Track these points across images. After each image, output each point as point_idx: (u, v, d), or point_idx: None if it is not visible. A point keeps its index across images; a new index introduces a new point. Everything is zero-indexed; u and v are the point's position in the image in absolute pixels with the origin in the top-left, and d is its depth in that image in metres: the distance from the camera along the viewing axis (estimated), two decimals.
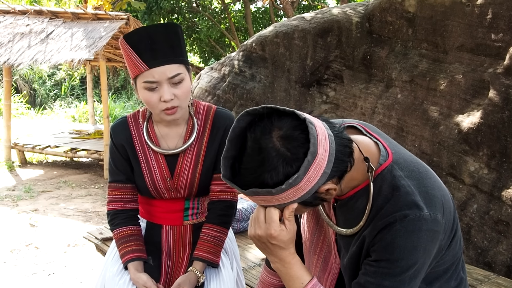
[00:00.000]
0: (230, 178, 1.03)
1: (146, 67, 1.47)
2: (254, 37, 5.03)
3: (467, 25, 3.25)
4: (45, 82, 16.50)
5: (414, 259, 1.03)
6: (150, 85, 1.49)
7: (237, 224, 2.76)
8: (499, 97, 2.88)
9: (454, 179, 3.07)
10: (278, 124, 0.99)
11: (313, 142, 0.96)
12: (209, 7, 13.90)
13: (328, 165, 0.99)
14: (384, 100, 3.67)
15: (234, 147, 1.03)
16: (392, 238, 1.03)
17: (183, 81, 1.53)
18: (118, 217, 1.70)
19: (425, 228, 1.02)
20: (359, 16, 4.17)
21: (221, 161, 1.03)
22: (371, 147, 1.14)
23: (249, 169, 0.99)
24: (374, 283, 1.06)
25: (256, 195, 0.99)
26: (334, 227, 1.20)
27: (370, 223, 1.09)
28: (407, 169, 1.10)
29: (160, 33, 1.50)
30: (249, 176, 0.99)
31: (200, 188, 1.72)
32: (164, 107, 1.52)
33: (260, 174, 0.97)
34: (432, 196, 1.07)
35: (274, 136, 0.97)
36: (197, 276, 1.60)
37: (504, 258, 2.69)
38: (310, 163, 0.95)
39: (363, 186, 1.12)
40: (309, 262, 1.35)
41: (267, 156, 0.96)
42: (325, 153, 0.98)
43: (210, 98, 5.02)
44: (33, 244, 4.11)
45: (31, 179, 6.54)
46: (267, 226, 1.07)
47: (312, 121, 0.98)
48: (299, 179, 0.96)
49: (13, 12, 7.28)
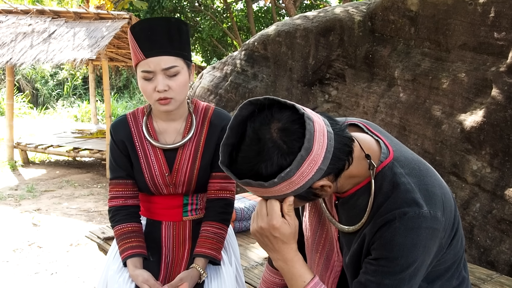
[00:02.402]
0: (228, 165, 1.04)
1: (143, 56, 1.54)
2: (256, 36, 5.03)
3: (470, 24, 3.24)
4: (48, 81, 16.54)
5: (414, 257, 1.03)
6: (147, 74, 1.55)
7: (239, 223, 2.76)
8: (502, 96, 2.87)
9: (456, 178, 3.06)
10: (278, 116, 0.99)
11: (309, 137, 0.96)
12: (211, 6, 13.90)
13: (324, 161, 0.99)
14: (387, 99, 3.66)
15: (235, 135, 1.04)
16: (391, 236, 1.03)
17: (178, 74, 1.57)
18: (119, 213, 1.71)
19: (424, 226, 1.02)
20: (361, 15, 4.16)
21: (221, 148, 1.04)
22: (372, 144, 1.14)
23: (246, 158, 1.00)
24: (374, 281, 1.06)
25: (249, 186, 1.00)
26: (337, 224, 1.20)
27: (371, 221, 1.09)
28: (408, 167, 1.10)
29: (161, 25, 1.56)
30: (245, 165, 1.00)
31: (198, 184, 1.73)
32: (157, 97, 1.56)
33: (255, 164, 0.98)
34: (432, 194, 1.06)
35: (272, 128, 0.98)
36: (199, 273, 1.61)
37: (507, 257, 2.69)
38: (304, 158, 0.96)
39: (365, 183, 1.12)
40: (311, 261, 1.34)
41: (264, 146, 0.97)
42: (321, 150, 0.98)
43: (212, 97, 5.02)
44: (35, 243, 4.12)
45: (33, 179, 6.55)
46: (269, 217, 1.08)
47: (310, 116, 0.98)
48: (292, 173, 0.97)
49: (16, 11, 7.30)
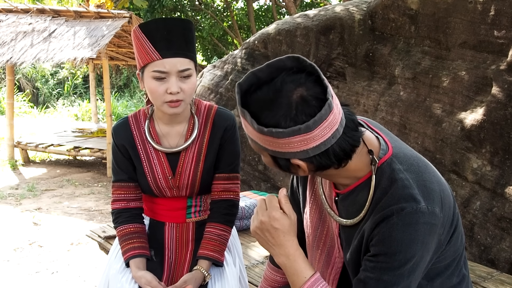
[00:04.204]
0: (243, 89, 1.06)
1: (159, 56, 1.50)
2: (256, 35, 5.03)
3: (470, 22, 3.24)
4: (48, 80, 16.53)
5: (412, 252, 1.03)
6: (160, 74, 1.51)
7: (240, 222, 2.76)
8: (502, 94, 2.87)
9: (457, 176, 3.06)
10: (309, 85, 1.01)
11: (316, 120, 0.97)
12: (211, 5, 13.88)
13: (314, 149, 1.01)
14: (387, 97, 3.66)
15: (266, 74, 1.06)
16: (389, 232, 1.04)
17: (191, 77, 1.56)
18: (121, 215, 1.71)
19: (422, 221, 1.03)
20: (362, 14, 4.16)
21: (248, 73, 1.07)
22: (373, 141, 1.15)
23: (259, 97, 1.03)
24: (373, 278, 1.07)
25: (243, 116, 1.03)
26: (335, 217, 1.21)
27: (370, 216, 1.09)
28: (406, 163, 1.11)
29: (177, 26, 1.54)
30: (255, 103, 1.03)
31: (202, 186, 1.72)
32: (169, 99, 1.53)
33: (261, 106, 1.02)
34: (430, 189, 1.07)
35: (297, 91, 1.00)
36: (203, 275, 1.60)
37: (507, 255, 2.69)
38: (299, 133, 0.98)
39: (364, 179, 1.13)
40: (312, 258, 1.35)
41: (279, 99, 1.00)
42: (319, 138, 0.99)
43: (212, 96, 5.01)
44: (36, 242, 4.12)
45: (34, 178, 6.56)
46: (269, 210, 1.13)
47: (332, 106, 1.00)
48: (281, 135, 0.99)
49: (16, 10, 7.29)
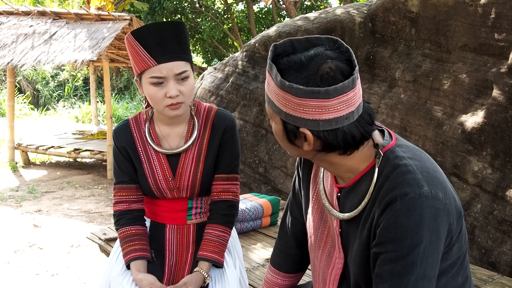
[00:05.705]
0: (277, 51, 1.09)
1: (155, 62, 1.50)
2: (257, 37, 5.03)
3: (470, 25, 3.24)
4: (49, 82, 16.54)
5: (419, 237, 1.02)
6: (157, 80, 1.52)
7: (240, 224, 2.76)
8: (503, 97, 2.87)
9: (457, 179, 3.06)
10: (339, 63, 1.05)
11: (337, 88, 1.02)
12: (212, 8, 13.90)
13: (325, 122, 1.04)
14: (387, 100, 3.66)
15: (304, 45, 1.10)
16: (394, 218, 1.04)
17: (188, 79, 1.56)
18: (123, 217, 1.71)
19: (426, 205, 1.03)
20: (362, 16, 4.17)
21: (286, 39, 1.10)
22: (376, 134, 1.17)
23: (291, 60, 1.07)
24: (387, 270, 1.05)
25: (269, 69, 1.08)
26: (333, 211, 1.21)
27: (374, 203, 1.10)
28: (410, 152, 1.12)
29: (170, 30, 1.54)
30: (285, 63, 1.07)
31: (203, 187, 1.72)
32: (169, 102, 1.54)
33: (291, 67, 1.06)
34: (433, 176, 1.07)
35: (329, 62, 1.05)
36: (203, 276, 1.60)
37: (508, 258, 2.69)
38: (317, 96, 1.02)
39: (368, 169, 1.14)
40: (314, 258, 1.35)
41: (309, 63, 1.05)
42: (334, 111, 1.03)
43: (213, 98, 5.02)
44: (36, 244, 4.12)
45: (34, 180, 6.55)
46: None
47: (355, 82, 1.04)
48: (300, 92, 1.02)
49: (17, 13, 7.30)
